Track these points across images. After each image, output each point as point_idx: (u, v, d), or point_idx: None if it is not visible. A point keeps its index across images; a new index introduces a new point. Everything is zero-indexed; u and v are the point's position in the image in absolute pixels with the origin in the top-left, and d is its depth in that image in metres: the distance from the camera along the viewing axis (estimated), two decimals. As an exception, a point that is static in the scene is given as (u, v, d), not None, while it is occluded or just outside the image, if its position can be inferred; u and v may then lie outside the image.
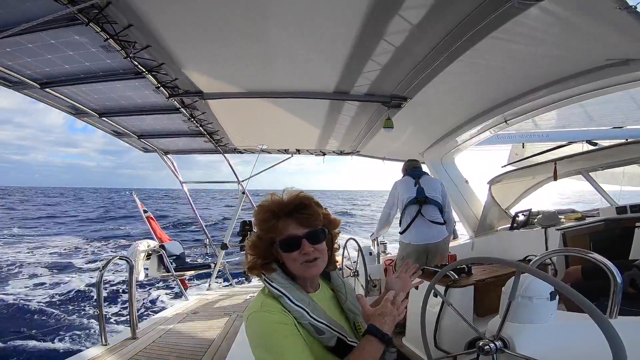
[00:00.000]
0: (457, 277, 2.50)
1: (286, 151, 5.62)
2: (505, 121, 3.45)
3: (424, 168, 4.90)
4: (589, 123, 5.30)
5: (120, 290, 9.38)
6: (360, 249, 3.85)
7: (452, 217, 3.49)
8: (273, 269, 1.07)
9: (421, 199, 3.38)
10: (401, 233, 3.49)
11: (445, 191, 3.49)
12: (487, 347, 1.31)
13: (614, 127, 5.23)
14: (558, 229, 3.26)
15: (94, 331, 6.62)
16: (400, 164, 3.83)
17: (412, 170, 3.62)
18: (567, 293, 0.98)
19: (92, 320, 7.08)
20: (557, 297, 1.41)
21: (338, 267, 1.30)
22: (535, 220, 3.79)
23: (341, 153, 5.60)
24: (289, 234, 1.04)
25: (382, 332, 0.93)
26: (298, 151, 5.59)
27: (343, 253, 4.51)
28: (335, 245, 1.20)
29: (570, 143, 4.84)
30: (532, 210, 4.02)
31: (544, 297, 1.38)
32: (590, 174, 3.85)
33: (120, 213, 34.74)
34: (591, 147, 4.40)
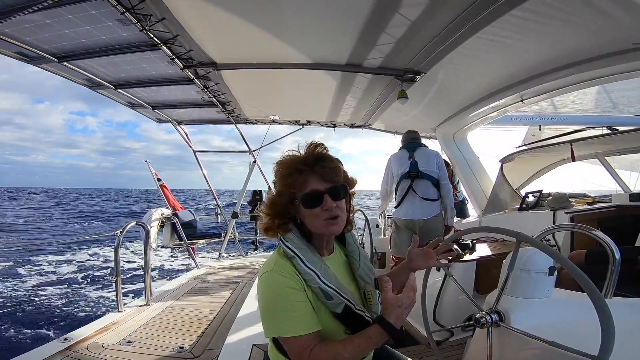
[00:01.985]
0: (460, 251, 2.54)
1: (297, 122, 5.61)
2: (522, 100, 3.36)
3: (435, 143, 4.89)
4: (611, 109, 5.09)
5: (134, 261, 9.76)
6: (367, 221, 3.90)
7: (450, 190, 3.33)
8: (289, 229, 1.06)
9: (414, 173, 3.28)
10: (395, 207, 3.47)
11: (441, 163, 3.34)
12: (484, 319, 1.35)
13: (639, 115, 5.03)
14: (567, 212, 3.23)
15: (110, 298, 6.93)
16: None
17: (409, 142, 3.49)
18: (564, 264, 1.00)
19: (109, 288, 7.40)
20: (556, 272, 1.43)
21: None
22: (546, 202, 3.76)
23: (352, 125, 5.57)
24: (311, 189, 1.01)
25: (394, 329, 0.90)
26: (309, 122, 5.58)
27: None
28: (352, 206, 1.17)
29: (590, 128, 4.68)
30: (543, 192, 3.97)
31: (542, 272, 1.39)
32: (607, 158, 3.76)
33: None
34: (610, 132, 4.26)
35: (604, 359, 0.88)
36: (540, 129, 5.84)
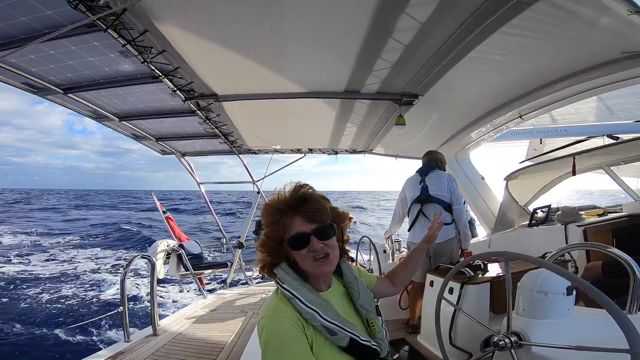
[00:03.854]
0: (472, 274, 2.48)
1: (299, 151, 5.65)
2: (520, 116, 3.39)
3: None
4: (609, 117, 5.14)
5: (142, 289, 9.66)
6: (374, 247, 3.85)
7: (463, 214, 3.30)
8: (282, 269, 1.07)
9: (424, 198, 3.29)
10: (408, 231, 3.48)
11: (453, 187, 3.30)
12: (502, 342, 1.30)
13: (636, 121, 5.06)
14: (579, 225, 3.17)
15: (117, 328, 6.84)
16: (414, 162, 3.79)
17: (422, 166, 3.52)
18: (573, 280, 0.97)
19: (115, 317, 7.30)
20: (575, 292, 1.39)
21: (351, 259, 1.29)
22: (555, 216, 3.70)
23: (353, 151, 5.60)
24: (297, 232, 1.03)
25: None
26: (311, 150, 5.62)
27: (357, 251, 4.52)
28: (345, 237, 1.19)
29: (590, 137, 4.69)
30: (552, 207, 3.92)
31: (560, 292, 1.36)
32: (612, 168, 3.73)
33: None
34: (612, 141, 4.25)
35: None
36: (541, 142, 5.86)
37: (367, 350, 1.02)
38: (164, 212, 6.63)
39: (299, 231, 1.03)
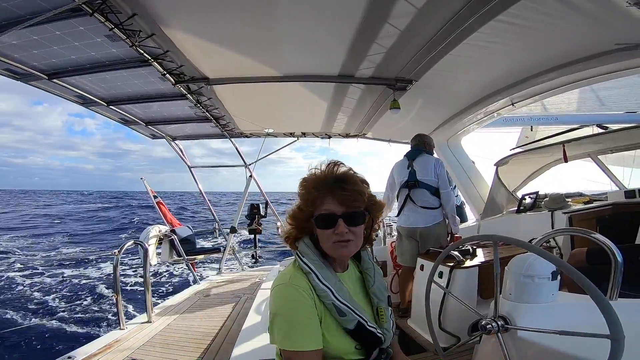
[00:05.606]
0: (461, 258, 2.53)
1: (292, 134, 5.61)
2: (512, 104, 3.41)
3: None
4: (600, 108, 5.22)
5: (134, 277, 9.68)
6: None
7: (450, 198, 3.30)
8: (305, 243, 1.08)
9: (411, 182, 3.30)
10: (397, 216, 3.52)
11: (441, 171, 3.29)
12: (489, 326, 1.34)
13: (627, 112, 5.13)
14: (565, 212, 3.25)
15: (111, 316, 6.87)
16: (406, 147, 3.79)
17: (410, 150, 3.51)
18: (560, 265, 1.00)
19: (109, 305, 7.33)
20: (559, 277, 1.43)
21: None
22: (543, 203, 3.78)
23: (347, 136, 5.59)
24: (326, 210, 1.03)
25: None
26: (304, 134, 5.58)
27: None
28: (375, 226, 1.18)
29: (581, 127, 4.76)
30: (540, 193, 4.00)
31: (545, 277, 1.39)
32: (599, 157, 3.80)
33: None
34: (601, 131, 4.32)
35: None
36: (532, 130, 5.92)
37: (372, 336, 1.04)
38: (155, 197, 6.56)
39: (330, 211, 1.02)
